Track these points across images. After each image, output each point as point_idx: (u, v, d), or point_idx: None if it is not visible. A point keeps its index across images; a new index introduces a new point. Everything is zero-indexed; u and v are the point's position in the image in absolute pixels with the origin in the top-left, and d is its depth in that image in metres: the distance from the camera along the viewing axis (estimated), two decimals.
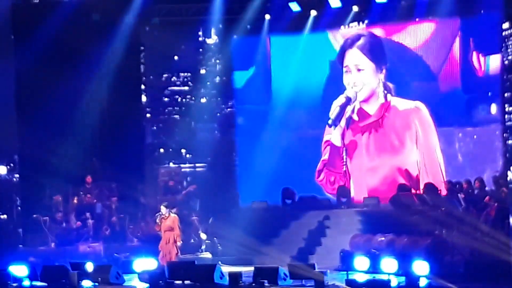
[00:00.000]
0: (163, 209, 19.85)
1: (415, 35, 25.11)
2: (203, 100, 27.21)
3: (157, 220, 19.83)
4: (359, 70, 25.24)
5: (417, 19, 24.87)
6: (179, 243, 19.67)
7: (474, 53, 24.02)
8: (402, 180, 24.38)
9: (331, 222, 22.75)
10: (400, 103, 24.92)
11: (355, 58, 25.32)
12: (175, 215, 19.93)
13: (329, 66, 26.01)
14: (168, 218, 19.69)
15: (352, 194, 24.95)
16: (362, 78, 25.19)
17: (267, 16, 26.06)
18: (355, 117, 25.27)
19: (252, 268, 18.12)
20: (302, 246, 22.23)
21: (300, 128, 26.31)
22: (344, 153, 25.39)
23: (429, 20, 24.77)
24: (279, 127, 26.31)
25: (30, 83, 24.46)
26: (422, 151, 24.51)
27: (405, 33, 25.19)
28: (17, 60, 24.76)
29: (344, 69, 25.47)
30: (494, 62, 23.62)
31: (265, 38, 26.44)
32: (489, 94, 23.62)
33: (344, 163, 25.36)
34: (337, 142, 25.47)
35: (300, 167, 26.14)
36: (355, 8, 25.47)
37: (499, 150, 23.16)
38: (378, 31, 25.42)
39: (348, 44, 25.50)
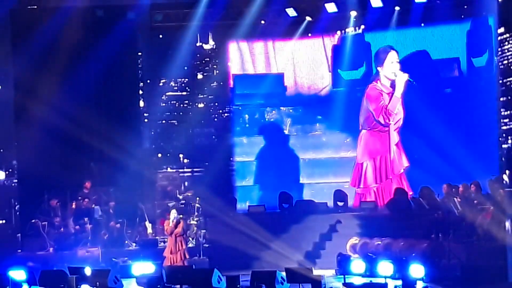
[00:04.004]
0: (175, 213, 20.25)
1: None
2: (201, 105, 27.28)
3: (170, 224, 20.16)
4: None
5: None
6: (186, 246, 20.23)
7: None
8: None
9: (328, 226, 22.82)
10: None
11: (396, 58, 25.41)
12: (182, 220, 20.40)
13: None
14: (179, 222, 20.12)
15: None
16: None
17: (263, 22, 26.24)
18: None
19: (249, 272, 18.20)
20: (299, 250, 22.27)
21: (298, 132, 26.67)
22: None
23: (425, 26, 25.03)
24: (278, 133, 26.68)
25: (29, 88, 24.50)
26: None
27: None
28: (15, 66, 24.82)
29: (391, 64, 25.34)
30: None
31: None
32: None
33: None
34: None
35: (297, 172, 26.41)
36: (352, 14, 25.62)
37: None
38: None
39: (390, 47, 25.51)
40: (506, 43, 23.37)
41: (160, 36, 26.59)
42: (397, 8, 25.04)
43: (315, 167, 26.47)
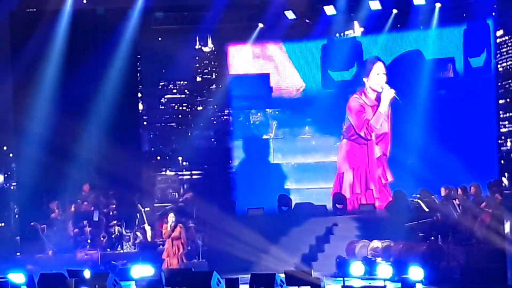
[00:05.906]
0: (172, 217, 20.31)
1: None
2: (200, 108, 27.34)
3: (168, 228, 20.26)
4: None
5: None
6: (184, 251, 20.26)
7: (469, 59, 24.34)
8: None
9: (327, 229, 22.83)
10: None
11: (383, 69, 25.38)
12: (181, 224, 20.47)
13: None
14: (176, 226, 20.18)
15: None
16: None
17: (260, 25, 26.22)
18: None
19: (248, 275, 18.19)
20: (299, 252, 22.28)
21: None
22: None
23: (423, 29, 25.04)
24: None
25: (28, 90, 24.54)
26: None
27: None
28: (14, 69, 24.86)
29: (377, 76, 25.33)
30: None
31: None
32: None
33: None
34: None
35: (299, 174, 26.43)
36: (352, 16, 25.65)
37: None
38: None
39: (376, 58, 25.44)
40: (505, 45, 23.43)
41: (159, 39, 26.62)
42: (394, 10, 25.06)
43: (303, 171, 26.27)
